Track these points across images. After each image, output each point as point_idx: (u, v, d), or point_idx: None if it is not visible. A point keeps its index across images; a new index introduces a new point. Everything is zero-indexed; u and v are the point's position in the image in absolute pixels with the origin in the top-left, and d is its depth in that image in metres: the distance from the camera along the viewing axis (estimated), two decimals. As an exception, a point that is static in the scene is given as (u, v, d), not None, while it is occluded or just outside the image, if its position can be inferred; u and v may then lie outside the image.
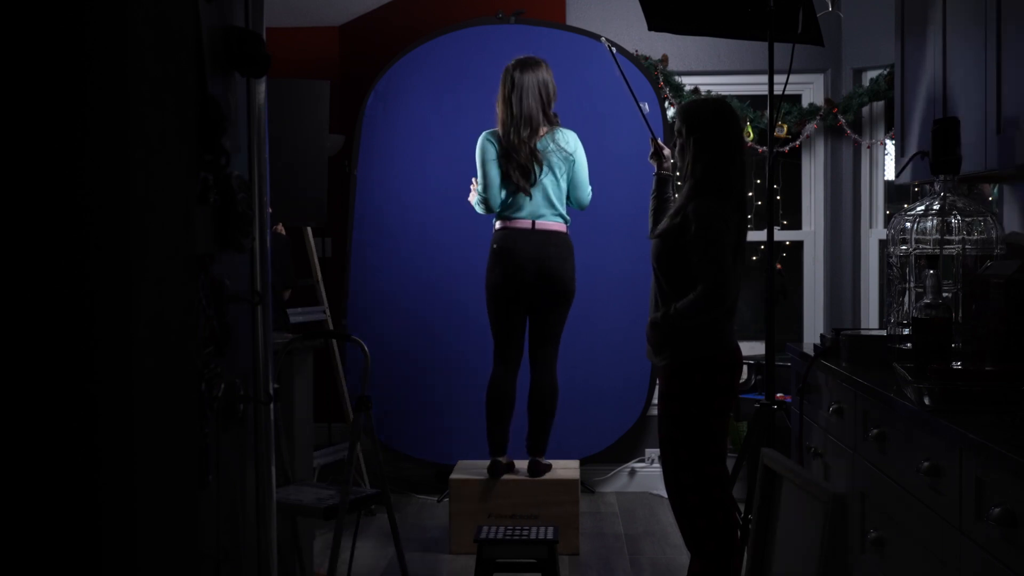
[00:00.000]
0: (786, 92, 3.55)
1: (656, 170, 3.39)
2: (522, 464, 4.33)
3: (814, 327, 5.16)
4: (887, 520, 2.45)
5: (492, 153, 4.22)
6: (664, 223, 3.03)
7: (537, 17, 5.10)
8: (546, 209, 4.20)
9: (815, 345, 3.23)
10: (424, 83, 5.03)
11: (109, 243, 1.39)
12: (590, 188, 4.30)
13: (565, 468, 4.36)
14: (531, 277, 4.16)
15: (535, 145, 4.18)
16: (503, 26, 5.02)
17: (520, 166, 4.16)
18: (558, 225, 4.22)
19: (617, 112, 4.88)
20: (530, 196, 4.17)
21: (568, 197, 4.28)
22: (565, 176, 4.22)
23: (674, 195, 3.35)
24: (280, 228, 4.66)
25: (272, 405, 2.06)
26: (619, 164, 4.93)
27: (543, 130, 4.20)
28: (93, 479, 1.39)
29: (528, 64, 4.23)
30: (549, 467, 4.29)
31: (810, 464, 3.16)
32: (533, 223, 4.18)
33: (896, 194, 5.06)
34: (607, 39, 3.83)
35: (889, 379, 2.53)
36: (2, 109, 1.37)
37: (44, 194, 1.37)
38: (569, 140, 4.25)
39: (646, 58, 5.02)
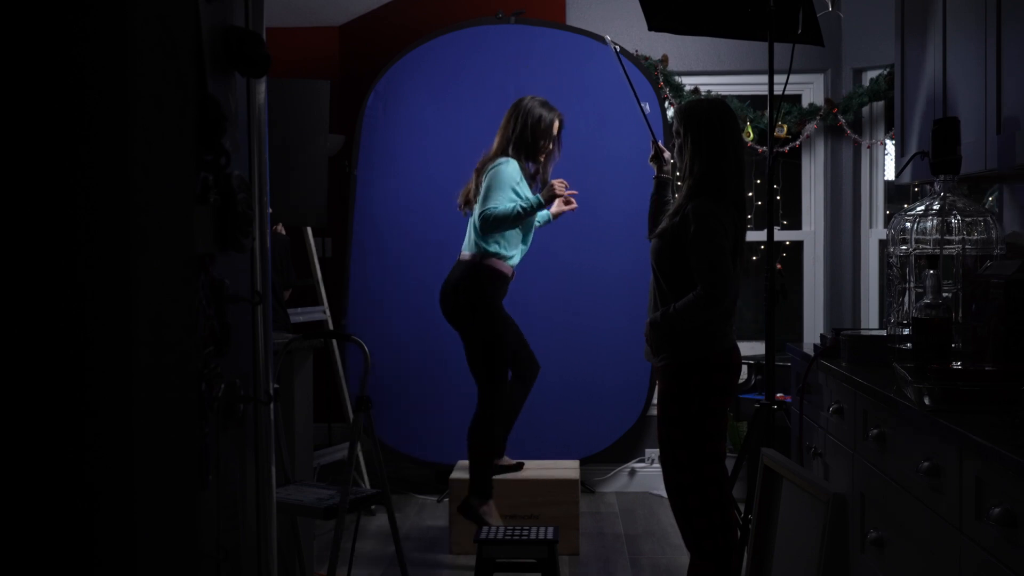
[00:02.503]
0: (786, 92, 3.55)
1: (656, 173, 3.39)
2: (530, 463, 4.33)
3: (814, 327, 5.16)
4: (887, 520, 2.45)
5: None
6: (663, 223, 3.03)
7: (537, 17, 5.11)
8: (465, 239, 4.06)
9: (815, 345, 3.23)
10: (424, 83, 5.03)
11: (109, 243, 1.39)
12: (484, 207, 3.92)
13: (565, 468, 4.36)
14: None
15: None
16: (503, 26, 5.02)
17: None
18: (464, 254, 4.01)
19: (617, 112, 4.88)
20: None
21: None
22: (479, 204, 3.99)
23: (674, 197, 3.35)
24: (280, 228, 4.66)
25: (272, 405, 2.06)
26: (618, 165, 4.94)
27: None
28: (92, 479, 1.39)
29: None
30: (478, 513, 4.00)
31: (810, 464, 3.16)
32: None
33: (896, 194, 5.07)
34: (612, 40, 3.83)
35: (889, 379, 2.53)
36: (2, 109, 1.37)
37: (44, 194, 1.37)
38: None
39: (646, 58, 5.02)
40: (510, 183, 3.94)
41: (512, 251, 4.02)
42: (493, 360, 4.01)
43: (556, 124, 4.08)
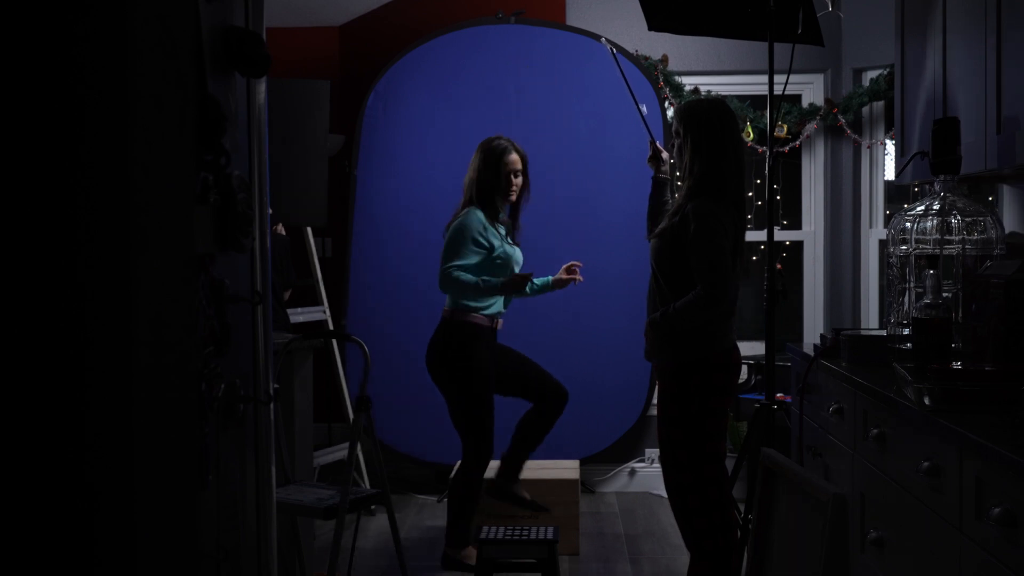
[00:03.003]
0: (786, 92, 3.55)
1: (654, 173, 3.39)
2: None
3: (814, 327, 5.16)
4: (887, 520, 2.45)
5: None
6: (663, 223, 3.03)
7: (537, 17, 5.11)
8: None
9: (815, 345, 3.23)
10: (424, 83, 5.03)
11: (109, 243, 1.39)
12: (447, 263, 3.83)
13: (565, 468, 4.36)
14: None
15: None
16: (503, 26, 5.02)
17: None
18: (445, 309, 3.93)
19: (617, 112, 4.88)
20: None
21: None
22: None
23: (673, 197, 3.35)
24: (280, 228, 4.66)
25: (272, 405, 2.06)
26: (618, 165, 4.94)
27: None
28: (92, 479, 1.39)
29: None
30: (457, 559, 3.92)
31: (810, 464, 3.16)
32: None
33: (896, 194, 5.07)
34: (607, 40, 3.83)
35: (889, 379, 2.53)
36: (2, 110, 1.37)
37: (43, 194, 1.37)
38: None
39: (646, 58, 5.02)
40: (471, 234, 3.80)
41: (487, 300, 3.88)
42: (476, 417, 3.86)
43: (513, 154, 3.88)
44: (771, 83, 3.27)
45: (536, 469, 4.32)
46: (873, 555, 2.54)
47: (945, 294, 2.59)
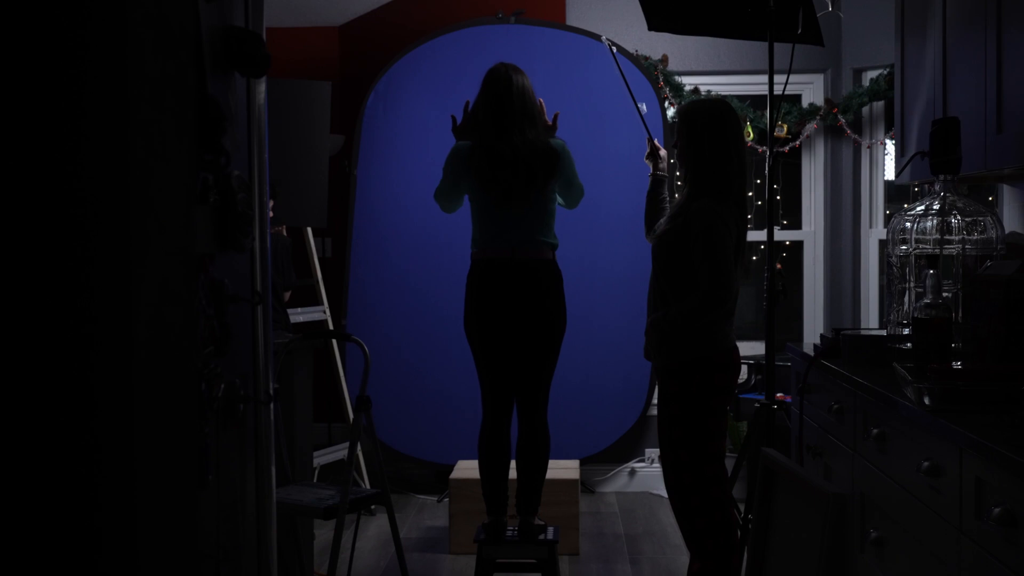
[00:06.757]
0: (786, 92, 3.55)
1: (652, 171, 3.39)
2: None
3: (814, 327, 5.16)
4: (887, 520, 2.45)
5: None
6: (666, 224, 3.03)
7: (537, 17, 5.11)
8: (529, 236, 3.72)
9: (815, 345, 3.23)
10: (424, 83, 5.03)
11: (109, 243, 1.39)
12: (579, 185, 3.71)
13: (565, 468, 4.36)
14: None
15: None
16: (503, 26, 5.02)
17: None
18: (546, 254, 3.67)
19: (616, 112, 4.88)
20: None
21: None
22: None
23: (671, 196, 3.35)
24: (283, 230, 4.66)
25: (272, 405, 2.06)
26: (618, 164, 4.94)
27: None
28: (93, 479, 1.39)
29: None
30: (544, 528, 3.58)
31: (810, 464, 3.16)
32: None
33: (896, 194, 5.07)
34: (608, 39, 3.83)
35: (889, 379, 2.53)
36: (2, 110, 1.37)
37: (44, 194, 1.38)
38: None
39: (646, 58, 5.03)
40: None
41: None
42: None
43: None
44: (771, 83, 3.27)
45: (536, 469, 4.32)
46: (873, 555, 2.54)
47: (945, 294, 2.58)
